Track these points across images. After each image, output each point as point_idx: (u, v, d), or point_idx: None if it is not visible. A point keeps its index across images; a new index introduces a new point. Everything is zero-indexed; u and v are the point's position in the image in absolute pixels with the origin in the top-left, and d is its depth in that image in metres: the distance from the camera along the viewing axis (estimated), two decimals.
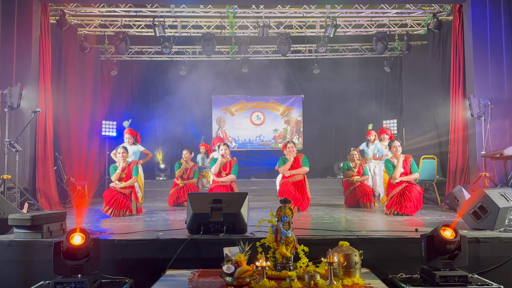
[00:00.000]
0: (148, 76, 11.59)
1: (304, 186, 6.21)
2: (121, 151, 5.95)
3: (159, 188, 9.82)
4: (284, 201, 3.18)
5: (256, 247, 3.12)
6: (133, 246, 3.54)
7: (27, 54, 6.84)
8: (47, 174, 6.89)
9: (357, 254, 3.05)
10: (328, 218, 5.20)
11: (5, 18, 6.78)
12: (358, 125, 11.70)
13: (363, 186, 6.83)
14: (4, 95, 6.10)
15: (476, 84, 7.03)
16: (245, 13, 9.17)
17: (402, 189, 5.62)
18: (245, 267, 2.90)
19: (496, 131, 6.84)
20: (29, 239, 3.57)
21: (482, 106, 6.61)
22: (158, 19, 9.01)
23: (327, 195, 9.61)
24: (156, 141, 11.21)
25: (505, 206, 4.03)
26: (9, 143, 5.77)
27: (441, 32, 8.57)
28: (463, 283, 2.93)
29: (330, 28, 9.04)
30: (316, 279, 2.86)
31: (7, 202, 4.30)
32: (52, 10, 7.96)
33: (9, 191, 5.90)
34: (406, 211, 5.46)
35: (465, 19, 7.38)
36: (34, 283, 3.13)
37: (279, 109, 12.18)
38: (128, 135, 6.82)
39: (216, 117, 12.04)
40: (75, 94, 8.75)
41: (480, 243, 3.54)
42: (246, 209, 3.83)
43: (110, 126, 10.46)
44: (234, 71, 11.46)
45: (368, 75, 11.65)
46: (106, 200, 5.62)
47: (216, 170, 6.52)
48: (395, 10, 9.08)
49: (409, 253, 3.49)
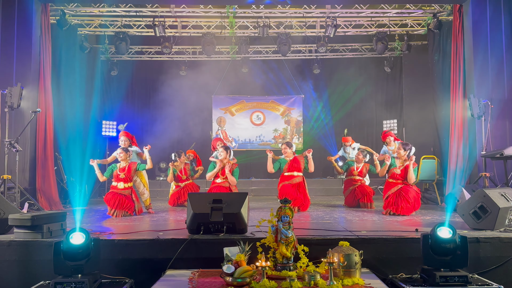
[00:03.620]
0: (148, 76, 11.59)
1: (304, 187, 6.19)
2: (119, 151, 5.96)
3: (159, 188, 9.81)
4: (284, 201, 3.18)
5: (256, 247, 3.12)
6: (133, 246, 3.54)
7: (27, 54, 6.84)
8: (47, 174, 6.89)
9: (357, 254, 3.05)
10: (328, 218, 5.20)
11: (5, 18, 6.79)
12: (358, 125, 11.71)
13: (363, 186, 6.84)
14: (4, 95, 6.11)
15: (476, 84, 7.03)
16: (245, 13, 9.17)
17: (398, 190, 5.62)
18: (245, 267, 2.90)
19: (496, 131, 6.84)
20: (29, 239, 3.57)
21: (482, 106, 6.61)
22: (158, 19, 9.01)
23: (327, 195, 9.61)
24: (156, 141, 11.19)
25: (505, 206, 4.03)
26: (9, 143, 5.77)
27: (441, 32, 8.57)
28: (463, 283, 2.93)
29: (330, 28, 9.04)
30: (316, 279, 2.86)
31: (7, 202, 4.30)
32: (52, 10, 7.95)
33: (9, 191, 5.90)
34: (402, 211, 5.45)
35: (465, 19, 7.38)
36: (34, 283, 3.13)
37: (279, 109, 12.18)
38: (124, 137, 6.68)
39: (216, 117, 12.04)
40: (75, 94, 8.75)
41: (480, 243, 3.54)
42: (246, 209, 3.83)
43: (110, 126, 10.46)
44: (234, 71, 11.45)
45: (368, 75, 11.65)
46: (110, 203, 5.63)
47: (211, 177, 6.32)
48: (395, 10, 9.08)
49: (409, 253, 3.49)
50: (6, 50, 6.73)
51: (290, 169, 6.21)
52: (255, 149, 11.86)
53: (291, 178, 6.17)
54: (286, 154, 6.26)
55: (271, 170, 6.23)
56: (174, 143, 11.48)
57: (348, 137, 8.10)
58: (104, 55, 10.53)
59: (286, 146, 6.31)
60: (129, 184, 5.81)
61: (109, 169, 5.90)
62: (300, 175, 6.24)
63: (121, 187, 5.74)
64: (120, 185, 5.75)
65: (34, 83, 6.89)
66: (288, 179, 6.17)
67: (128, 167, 5.85)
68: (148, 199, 6.33)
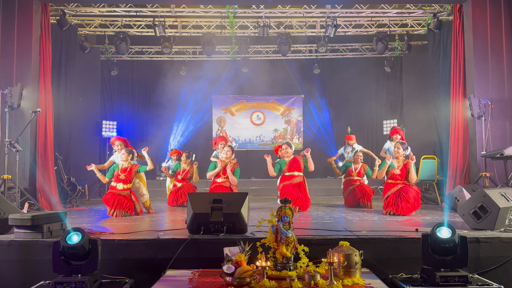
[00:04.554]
0: (148, 76, 11.59)
1: (304, 186, 6.20)
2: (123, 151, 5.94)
3: (159, 188, 9.81)
4: (285, 201, 3.18)
5: (256, 247, 3.12)
6: (133, 246, 3.54)
7: (27, 54, 6.84)
8: (47, 174, 6.89)
9: (357, 254, 3.05)
10: (328, 218, 5.20)
11: (5, 18, 6.79)
12: (358, 125, 11.71)
13: (363, 186, 6.84)
14: (4, 95, 6.11)
15: (476, 84, 7.03)
16: (245, 13, 9.18)
17: (398, 190, 5.62)
18: (245, 267, 2.90)
19: (496, 131, 6.84)
20: (29, 239, 3.57)
21: (482, 106, 6.61)
22: (158, 19, 9.01)
23: (327, 195, 9.61)
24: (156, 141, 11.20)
25: (505, 206, 4.03)
26: (9, 143, 5.77)
27: (441, 32, 8.57)
28: (463, 283, 2.92)
29: (330, 28, 9.04)
30: (316, 279, 2.85)
31: (7, 202, 4.30)
32: (52, 10, 7.96)
33: (9, 191, 5.90)
34: (403, 211, 5.45)
35: (465, 19, 7.38)
36: (34, 283, 3.13)
37: (279, 109, 12.18)
38: (118, 142, 6.48)
39: (216, 117, 12.05)
40: (75, 94, 8.76)
41: (480, 243, 3.54)
42: (246, 209, 3.82)
43: (110, 126, 10.46)
44: (234, 71, 11.46)
45: (368, 75, 11.65)
46: (109, 203, 5.63)
47: (212, 177, 6.39)
48: (395, 10, 9.09)
49: (409, 253, 3.48)
50: (6, 50, 6.73)
51: (290, 169, 6.22)
52: (255, 149, 11.87)
53: (292, 178, 6.18)
54: (287, 154, 6.27)
55: (272, 174, 6.24)
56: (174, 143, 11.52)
57: (352, 135, 8.05)
58: (104, 55, 10.53)
59: (287, 146, 6.34)
60: (128, 186, 5.79)
61: (111, 169, 5.90)
62: (301, 174, 6.26)
63: (120, 188, 5.73)
64: (119, 186, 5.74)
65: (34, 83, 6.89)
66: (288, 179, 6.18)
67: (130, 169, 5.84)
68: (148, 200, 6.31)
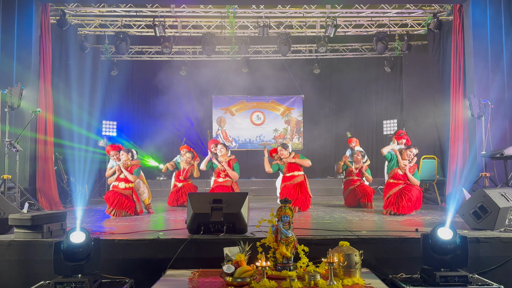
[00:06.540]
0: (148, 76, 11.58)
1: (305, 186, 6.20)
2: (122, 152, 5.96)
3: (159, 188, 9.81)
4: (285, 201, 3.18)
5: (256, 247, 3.12)
6: (133, 246, 3.54)
7: (27, 54, 6.84)
8: (47, 174, 6.89)
9: (357, 254, 3.05)
10: (328, 218, 5.20)
11: (5, 18, 6.78)
12: (358, 125, 11.71)
13: (363, 186, 6.83)
14: (4, 95, 6.10)
15: (476, 84, 7.02)
16: (245, 13, 9.17)
17: (399, 190, 5.62)
18: (245, 267, 2.90)
19: (496, 131, 6.83)
20: (29, 239, 3.57)
21: (482, 106, 6.60)
22: (158, 19, 9.01)
23: (327, 195, 9.61)
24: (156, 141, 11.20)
25: (505, 206, 4.03)
26: (9, 143, 5.76)
27: (441, 32, 8.57)
28: (463, 283, 2.93)
29: (330, 28, 9.04)
30: (316, 279, 2.86)
31: (7, 202, 4.30)
32: (52, 10, 7.95)
33: (9, 191, 5.90)
34: (403, 210, 5.46)
35: (465, 19, 7.38)
36: (34, 283, 3.13)
37: (279, 109, 12.18)
38: (114, 152, 6.20)
39: (216, 117, 12.04)
40: (75, 94, 8.75)
41: (480, 243, 3.54)
42: (246, 209, 3.83)
43: (110, 126, 10.46)
44: (234, 71, 11.45)
45: (368, 75, 11.65)
46: (109, 202, 5.64)
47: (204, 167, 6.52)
48: (395, 10, 9.08)
49: (409, 253, 3.49)
50: (6, 50, 6.72)
51: (290, 170, 6.23)
52: (255, 149, 11.86)
53: (293, 178, 6.19)
54: (283, 156, 6.25)
55: (268, 170, 6.26)
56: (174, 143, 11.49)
57: (352, 138, 7.96)
58: (104, 55, 10.52)
59: (282, 148, 6.28)
60: (130, 185, 5.82)
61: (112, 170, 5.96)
62: (301, 174, 6.27)
63: (122, 187, 5.76)
64: (121, 185, 5.78)
65: (34, 83, 6.89)
66: (289, 179, 6.20)
67: (131, 168, 5.87)
68: (147, 198, 6.32)
